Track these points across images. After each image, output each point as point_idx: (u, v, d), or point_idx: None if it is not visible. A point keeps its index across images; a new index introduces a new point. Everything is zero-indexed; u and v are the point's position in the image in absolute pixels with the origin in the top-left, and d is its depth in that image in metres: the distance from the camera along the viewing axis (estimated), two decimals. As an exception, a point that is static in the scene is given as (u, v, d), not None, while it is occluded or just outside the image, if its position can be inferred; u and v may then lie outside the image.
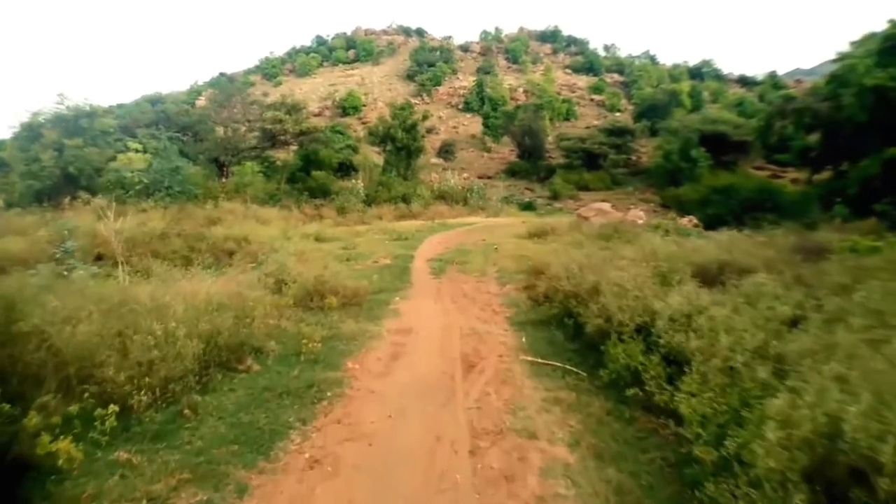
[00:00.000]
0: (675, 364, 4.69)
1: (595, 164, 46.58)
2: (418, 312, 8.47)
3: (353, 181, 29.60)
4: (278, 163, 30.98)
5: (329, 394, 5.15)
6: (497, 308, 8.93)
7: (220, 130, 28.45)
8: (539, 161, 49.43)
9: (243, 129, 29.62)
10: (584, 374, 5.64)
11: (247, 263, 14.07)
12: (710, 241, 10.16)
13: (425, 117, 43.07)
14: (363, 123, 56.91)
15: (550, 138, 53.11)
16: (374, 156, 40.45)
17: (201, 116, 29.27)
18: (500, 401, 5.00)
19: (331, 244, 17.25)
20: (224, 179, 28.55)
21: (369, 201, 28.48)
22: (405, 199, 29.58)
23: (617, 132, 48.42)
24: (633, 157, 51.91)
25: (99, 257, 14.05)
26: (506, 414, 4.71)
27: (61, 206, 21.04)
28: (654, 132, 55.38)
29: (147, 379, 4.57)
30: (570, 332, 6.87)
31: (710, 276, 7.24)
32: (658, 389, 4.50)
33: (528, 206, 35.71)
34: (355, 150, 41.72)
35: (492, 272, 12.71)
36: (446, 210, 29.63)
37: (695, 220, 17.62)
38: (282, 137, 31.08)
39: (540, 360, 6.07)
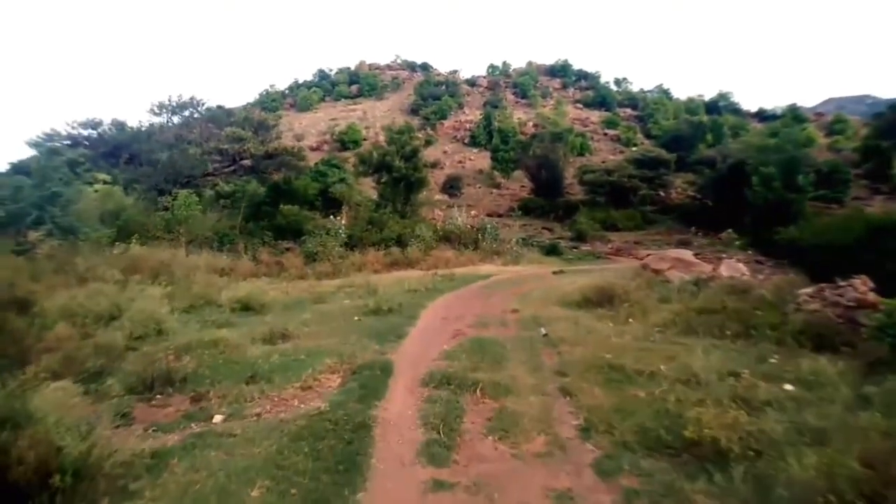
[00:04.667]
0: None
1: (623, 200, 39.25)
2: None
3: (334, 218, 22.11)
4: (237, 193, 23.52)
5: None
6: None
7: (165, 152, 21.33)
8: (557, 197, 42.16)
9: (197, 150, 22.52)
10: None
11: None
12: None
13: (428, 142, 35.93)
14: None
15: (568, 173, 45.97)
16: (369, 189, 33.34)
17: (138, 134, 22.16)
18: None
19: (256, 322, 9.72)
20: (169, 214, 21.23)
21: (353, 244, 21.02)
22: (400, 242, 22.13)
23: (649, 163, 41.10)
24: (661, 193, 44.70)
25: None
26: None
27: None
28: (681, 166, 48.13)
29: None
30: None
31: None
32: None
33: (552, 250, 28.15)
34: (350, 184, 34.64)
35: (571, 433, 5.11)
36: (452, 256, 22.11)
37: (868, 283, 10.05)
38: (245, 162, 23.83)
39: None
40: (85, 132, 21.50)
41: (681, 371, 6.86)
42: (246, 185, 26.05)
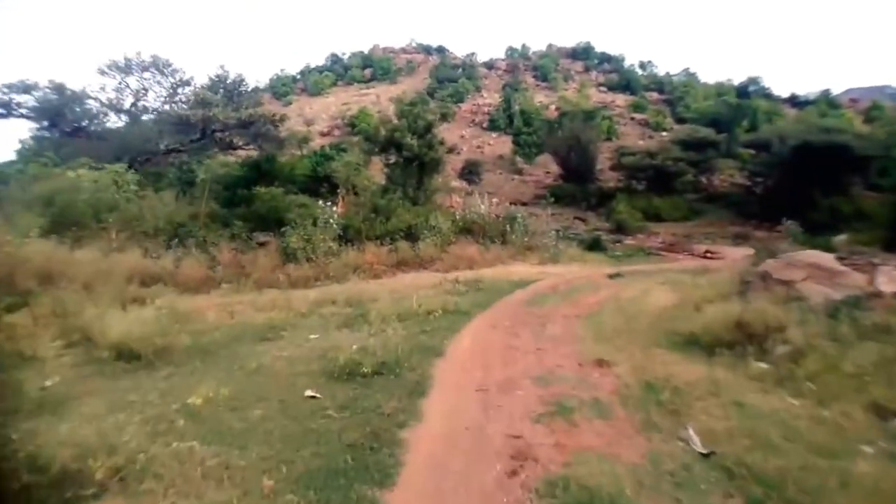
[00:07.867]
0: None
1: (665, 186, 33.67)
2: None
3: (324, 204, 16.95)
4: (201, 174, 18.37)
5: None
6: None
7: (118, 122, 16.50)
8: (588, 183, 36.72)
9: (154, 119, 17.59)
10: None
11: None
12: None
13: (444, 116, 30.53)
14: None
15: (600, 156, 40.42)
16: (379, 174, 28.20)
17: (83, 100, 17.19)
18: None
19: (121, 394, 4.75)
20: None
21: (349, 237, 16.00)
22: (411, 234, 17.09)
23: (695, 145, 35.35)
24: (704, 179, 39.03)
25: None
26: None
27: None
28: (727, 150, 42.13)
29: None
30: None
31: None
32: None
33: (594, 245, 22.89)
34: (358, 169, 29.44)
35: None
36: (476, 253, 17.05)
37: None
38: (218, 134, 18.85)
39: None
40: (19, 97, 16.79)
41: None
42: (241, 166, 21.09)
